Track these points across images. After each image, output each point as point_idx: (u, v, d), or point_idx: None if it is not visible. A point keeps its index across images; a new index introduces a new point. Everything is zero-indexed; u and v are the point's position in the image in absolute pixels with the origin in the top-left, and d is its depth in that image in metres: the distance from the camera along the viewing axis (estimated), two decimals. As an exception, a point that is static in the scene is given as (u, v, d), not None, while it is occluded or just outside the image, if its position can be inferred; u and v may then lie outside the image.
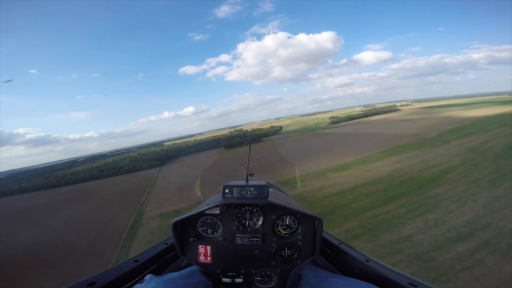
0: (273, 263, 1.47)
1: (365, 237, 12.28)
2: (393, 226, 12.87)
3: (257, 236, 1.45)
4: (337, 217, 14.26)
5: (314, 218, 1.41)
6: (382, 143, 36.03)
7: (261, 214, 1.47)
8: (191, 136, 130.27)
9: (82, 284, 1.16)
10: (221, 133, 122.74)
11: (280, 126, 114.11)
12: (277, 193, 1.80)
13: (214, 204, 1.40)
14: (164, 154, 79.22)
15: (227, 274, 1.48)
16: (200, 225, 1.51)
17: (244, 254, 1.47)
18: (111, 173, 66.72)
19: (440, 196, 15.52)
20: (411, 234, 11.99)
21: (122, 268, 1.35)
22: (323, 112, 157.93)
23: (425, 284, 1.13)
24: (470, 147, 25.99)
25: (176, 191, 28.82)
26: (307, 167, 28.03)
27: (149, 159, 72.22)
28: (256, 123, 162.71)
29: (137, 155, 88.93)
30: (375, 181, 19.79)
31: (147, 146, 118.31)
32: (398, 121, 62.09)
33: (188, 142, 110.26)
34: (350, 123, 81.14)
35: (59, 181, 65.59)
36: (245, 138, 73.81)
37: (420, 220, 13.07)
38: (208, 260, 1.47)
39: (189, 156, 73.81)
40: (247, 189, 1.41)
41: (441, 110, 74.73)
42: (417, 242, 11.33)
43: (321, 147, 44.12)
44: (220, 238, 1.47)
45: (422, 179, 18.96)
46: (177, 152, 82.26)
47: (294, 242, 1.45)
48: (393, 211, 14.24)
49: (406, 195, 16.18)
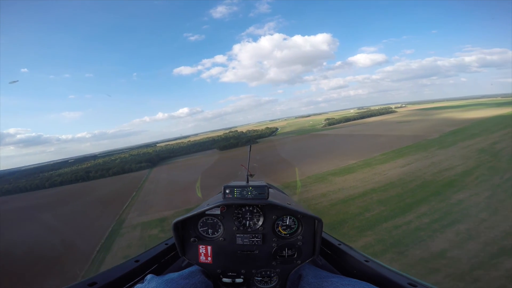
0: (273, 263, 1.46)
1: (388, 254, 10.12)
2: (419, 239, 10.78)
3: (258, 236, 1.44)
4: (350, 230, 12.08)
5: (314, 218, 1.41)
6: (384, 145, 34.36)
7: (261, 214, 1.46)
8: (186, 137, 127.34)
9: (83, 284, 1.16)
10: (216, 134, 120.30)
11: (276, 128, 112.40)
12: (277, 193, 1.81)
13: (215, 204, 1.40)
14: (155, 155, 75.90)
15: (228, 274, 1.46)
16: (200, 225, 1.50)
17: (244, 254, 1.46)
18: (98, 175, 63.48)
19: (465, 202, 13.57)
20: (444, 249, 9.93)
21: (123, 268, 1.35)
22: (318, 114, 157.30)
23: (425, 284, 1.14)
24: (479, 149, 24.42)
25: (164, 196, 26.19)
26: (307, 170, 25.92)
27: (139, 160, 69.08)
28: (252, 125, 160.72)
29: (128, 156, 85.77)
30: (385, 186, 17.76)
31: (140, 147, 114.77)
32: (396, 122, 60.98)
33: (182, 143, 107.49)
34: (347, 124, 79.87)
35: (43, 183, 62.14)
36: (240, 139, 71.43)
37: (450, 231, 11.03)
38: (209, 260, 1.46)
39: (182, 158, 70.78)
40: (248, 190, 1.39)
41: (436, 112, 74.26)
42: (454, 259, 9.31)
43: (319, 148, 42.19)
44: (220, 238, 1.46)
45: (438, 183, 17.06)
46: (169, 153, 78.96)
47: (294, 242, 1.45)
48: (415, 221, 12.17)
49: (425, 202, 14.18)
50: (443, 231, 11.19)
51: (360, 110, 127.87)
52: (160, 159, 71.49)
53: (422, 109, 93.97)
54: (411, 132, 44.43)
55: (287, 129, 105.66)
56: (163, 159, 70.80)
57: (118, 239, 16.59)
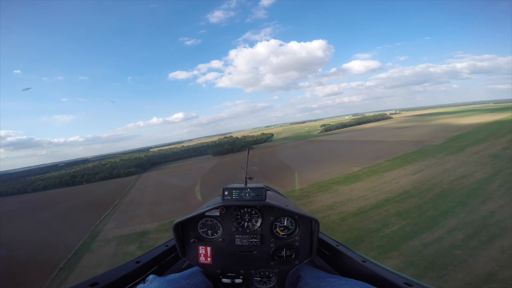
0: (272, 263, 1.47)
1: (424, 279, 7.88)
2: (458, 260, 8.68)
3: (256, 237, 1.46)
4: (370, 250, 9.86)
5: (310, 219, 1.43)
6: (387, 151, 32.72)
7: (259, 215, 1.47)
8: (179, 143, 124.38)
9: (84, 284, 1.16)
10: (210, 139, 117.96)
11: (271, 133, 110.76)
12: (275, 195, 1.80)
13: (214, 206, 1.41)
14: (146, 160, 72.37)
15: (227, 275, 1.48)
16: (200, 227, 1.51)
17: (243, 255, 1.47)
18: (84, 180, 60.29)
19: (498, 214, 11.61)
20: (492, 271, 7.88)
21: (124, 269, 1.36)
22: (313, 120, 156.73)
23: (420, 283, 1.15)
24: (492, 154, 22.84)
25: (149, 205, 23.47)
26: (308, 177, 23.80)
27: (129, 165, 65.83)
28: (247, 131, 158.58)
29: (119, 161, 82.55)
30: (400, 195, 15.73)
31: (133, 152, 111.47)
32: (394, 128, 59.85)
33: (175, 148, 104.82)
34: (344, 130, 78.67)
35: (26, 187, 58.67)
36: (235, 145, 69.08)
37: (493, 248, 9.00)
38: (208, 261, 1.47)
39: (173, 163, 67.65)
40: (246, 191, 1.40)
41: (432, 118, 73.91)
42: (507, 281, 7.28)
43: (319, 155, 40.25)
44: (220, 239, 1.48)
45: (458, 192, 15.14)
46: (160, 159, 75.56)
47: (292, 243, 1.46)
48: (447, 238, 10.07)
49: (452, 214, 12.15)
50: (484, 248, 9.14)
51: (355, 116, 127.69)
52: (151, 164, 68.18)
53: (417, 115, 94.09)
54: (413, 138, 43.27)
55: (283, 135, 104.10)
56: (154, 164, 67.49)
57: (88, 255, 13.89)
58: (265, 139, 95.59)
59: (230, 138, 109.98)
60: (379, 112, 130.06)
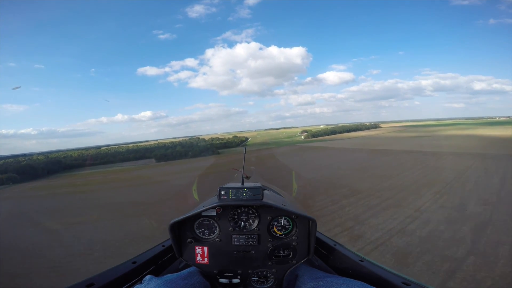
0: (269, 263, 1.45)
1: None
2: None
3: (253, 237, 1.44)
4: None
5: (308, 218, 1.40)
6: (452, 167, 17.11)
7: (256, 215, 1.45)
8: (142, 142, 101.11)
9: (81, 285, 1.14)
10: (171, 140, 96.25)
11: (246, 137, 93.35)
12: (272, 195, 1.79)
13: (210, 206, 1.39)
14: (57, 161, 49.08)
15: (224, 275, 1.45)
16: (197, 227, 1.48)
17: (240, 255, 1.45)
18: None
19: None
20: None
21: (120, 269, 1.33)
22: (288, 128, 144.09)
23: (418, 283, 1.14)
24: None
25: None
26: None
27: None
28: (218, 134, 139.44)
29: (44, 158, 58.24)
30: None
31: (89, 148, 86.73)
32: (408, 138, 46.00)
33: (121, 148, 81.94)
34: (337, 137, 64.59)
35: None
36: (193, 147, 49.68)
37: None
38: (205, 261, 1.45)
39: (96, 168, 45.81)
40: (242, 191, 1.38)
41: (431, 129, 63.52)
42: None
43: (330, 166, 23.11)
44: (216, 239, 1.45)
45: None
46: (83, 161, 52.48)
47: (289, 243, 1.44)
48: None
49: None
50: None
51: (329, 126, 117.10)
52: (63, 168, 45.42)
53: (408, 126, 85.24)
54: (452, 148, 29.34)
55: (259, 139, 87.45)
56: (65, 168, 44.85)
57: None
58: (238, 142, 77.89)
59: (194, 139, 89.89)
60: (351, 123, 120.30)
